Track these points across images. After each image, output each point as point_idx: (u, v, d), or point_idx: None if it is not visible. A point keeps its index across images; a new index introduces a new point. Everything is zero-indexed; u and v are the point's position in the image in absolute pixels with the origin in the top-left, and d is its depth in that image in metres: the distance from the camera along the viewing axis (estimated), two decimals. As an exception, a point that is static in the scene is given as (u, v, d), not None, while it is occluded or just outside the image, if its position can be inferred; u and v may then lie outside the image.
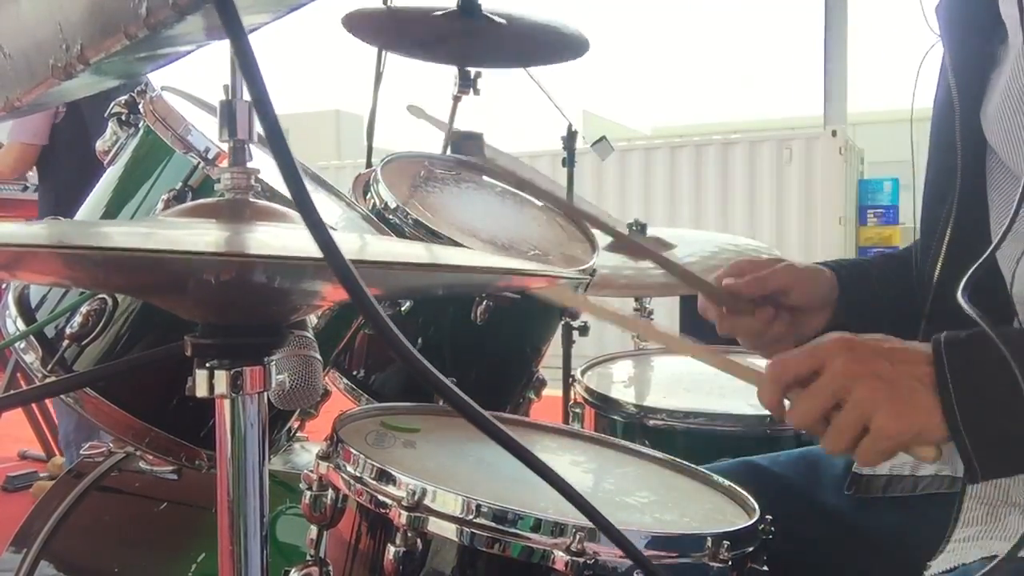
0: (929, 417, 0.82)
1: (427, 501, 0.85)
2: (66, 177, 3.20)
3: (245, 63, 0.45)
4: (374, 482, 0.89)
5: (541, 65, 2.22)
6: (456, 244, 1.39)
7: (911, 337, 0.96)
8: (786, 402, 0.90)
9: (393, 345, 0.50)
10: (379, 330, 0.49)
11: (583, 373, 1.86)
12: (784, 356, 0.90)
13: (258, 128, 0.79)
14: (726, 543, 0.84)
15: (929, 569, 0.95)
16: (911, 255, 1.22)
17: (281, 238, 0.72)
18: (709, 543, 0.84)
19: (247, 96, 0.76)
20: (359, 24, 1.96)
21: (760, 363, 0.97)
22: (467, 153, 1.37)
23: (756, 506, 0.97)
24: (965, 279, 0.84)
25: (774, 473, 1.21)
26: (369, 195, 1.48)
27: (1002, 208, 1.01)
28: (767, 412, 1.63)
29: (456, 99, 2.24)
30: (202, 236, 0.71)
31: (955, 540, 0.97)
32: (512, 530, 0.82)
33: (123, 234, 0.73)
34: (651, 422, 1.60)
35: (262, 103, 0.45)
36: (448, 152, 2.36)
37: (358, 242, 0.96)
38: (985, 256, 0.86)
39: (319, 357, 0.75)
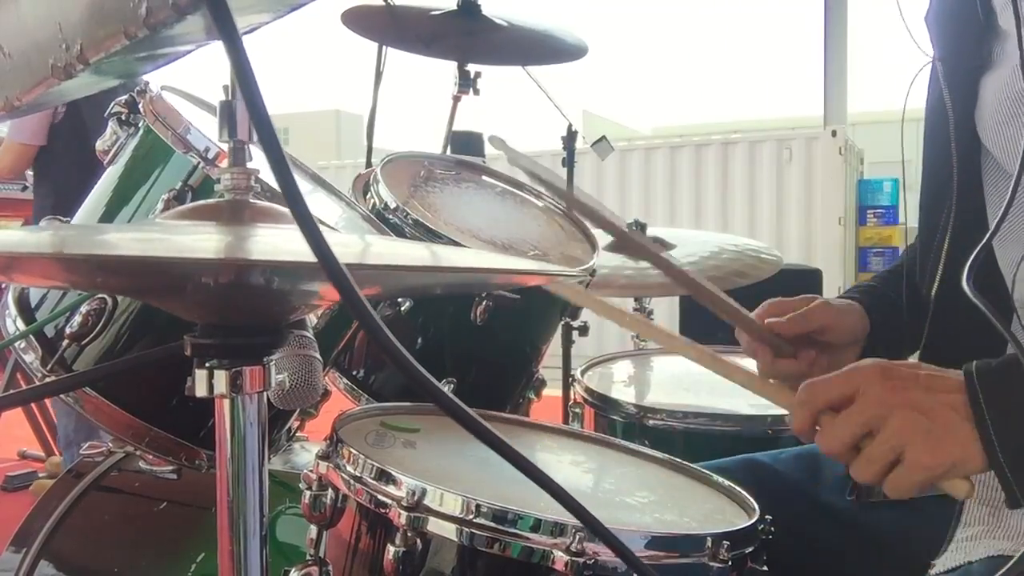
0: (965, 449, 0.81)
1: (427, 501, 0.85)
2: (64, 178, 3.19)
3: (239, 64, 0.44)
4: (374, 482, 0.89)
5: (539, 64, 2.23)
6: (456, 244, 1.39)
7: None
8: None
9: (382, 345, 0.50)
10: (371, 332, 0.49)
11: (583, 373, 1.86)
12: (815, 380, 0.88)
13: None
14: (726, 543, 0.84)
15: (934, 568, 0.95)
16: (904, 267, 1.22)
17: (280, 240, 0.72)
18: (709, 543, 0.84)
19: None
20: (358, 20, 1.96)
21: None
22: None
23: (756, 506, 0.97)
24: (968, 264, 0.83)
25: (776, 470, 1.21)
26: (369, 195, 1.48)
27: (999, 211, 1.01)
28: (767, 412, 1.64)
29: (456, 99, 2.24)
30: (201, 240, 0.71)
31: (957, 539, 0.97)
32: (512, 530, 0.82)
33: (122, 240, 0.73)
34: (651, 422, 1.60)
35: (256, 106, 0.45)
36: (448, 152, 2.36)
37: (360, 243, 0.96)
38: (983, 243, 0.85)
39: (319, 357, 0.75)
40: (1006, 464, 0.80)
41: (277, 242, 0.72)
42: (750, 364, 1.05)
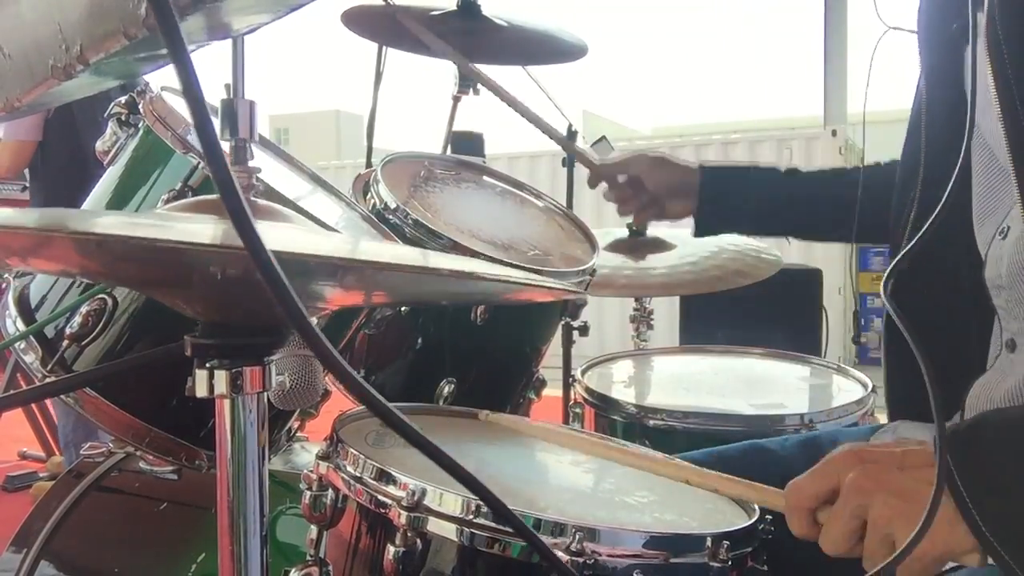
0: (953, 528, 0.76)
1: (427, 501, 0.85)
2: (55, 175, 3.20)
3: (178, 58, 0.44)
4: (374, 482, 0.89)
5: (539, 65, 2.22)
6: (456, 244, 1.39)
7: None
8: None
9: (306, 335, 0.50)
10: (298, 325, 0.49)
11: (583, 373, 1.86)
12: (797, 480, 0.87)
13: (259, 128, 0.79)
14: (726, 543, 0.84)
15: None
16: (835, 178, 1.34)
17: (284, 237, 0.72)
18: (709, 543, 0.84)
19: (247, 95, 0.76)
20: (358, 21, 1.96)
21: None
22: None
23: (756, 506, 0.97)
24: (887, 272, 0.82)
25: (781, 456, 1.21)
26: (369, 195, 1.48)
27: (985, 197, 1.01)
28: (767, 412, 1.64)
29: (456, 99, 2.24)
30: (208, 228, 0.71)
31: None
32: (512, 530, 0.82)
33: (132, 223, 0.73)
34: (651, 422, 1.60)
35: (193, 97, 0.45)
36: (448, 152, 2.36)
37: (359, 246, 0.96)
38: (907, 248, 0.84)
39: (319, 357, 0.75)
40: (992, 536, 0.74)
41: (281, 239, 0.72)
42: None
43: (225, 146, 0.79)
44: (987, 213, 0.97)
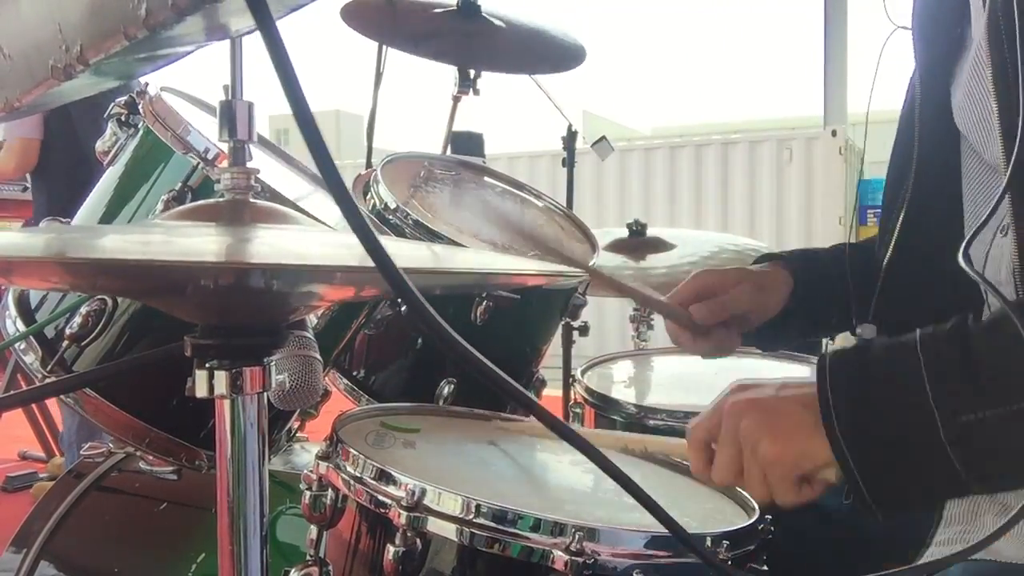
0: (811, 437, 0.81)
1: (427, 501, 0.85)
2: (55, 175, 3.21)
3: (278, 59, 0.44)
4: (374, 482, 0.89)
5: (538, 74, 2.23)
6: (456, 244, 1.39)
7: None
8: None
9: (456, 352, 0.50)
10: (442, 340, 0.49)
11: (583, 373, 1.86)
12: (693, 420, 0.92)
13: (257, 128, 0.79)
14: (726, 543, 0.84)
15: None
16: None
17: (281, 241, 0.72)
18: (709, 543, 0.84)
19: (246, 96, 0.76)
20: (357, 15, 1.96)
21: None
22: None
23: (756, 506, 0.97)
24: (965, 242, 0.82)
25: None
26: (369, 195, 1.48)
27: (977, 197, 1.01)
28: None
29: (456, 99, 2.24)
30: (201, 242, 0.71)
31: (936, 543, 0.97)
32: (512, 530, 0.82)
33: (122, 243, 0.73)
34: (651, 422, 1.60)
35: (298, 102, 0.45)
36: (448, 152, 2.36)
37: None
38: (981, 225, 0.84)
39: (319, 357, 0.75)
40: (848, 449, 0.79)
41: (277, 243, 0.72)
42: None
43: (224, 147, 0.79)
44: (981, 216, 0.96)
